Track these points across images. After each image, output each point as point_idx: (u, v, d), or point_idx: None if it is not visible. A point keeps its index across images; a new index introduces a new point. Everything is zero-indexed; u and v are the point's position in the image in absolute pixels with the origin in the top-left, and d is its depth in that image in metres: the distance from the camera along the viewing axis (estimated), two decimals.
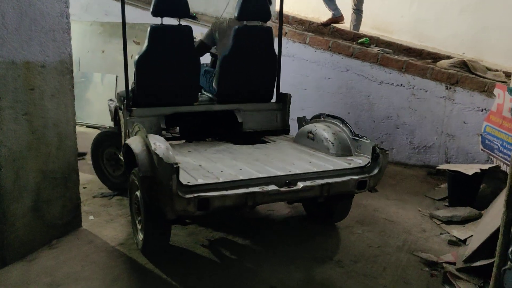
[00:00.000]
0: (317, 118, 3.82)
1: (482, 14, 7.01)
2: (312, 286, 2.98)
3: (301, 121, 3.93)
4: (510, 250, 1.63)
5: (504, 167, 4.06)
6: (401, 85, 5.36)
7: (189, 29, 3.75)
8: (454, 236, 3.71)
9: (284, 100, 4.15)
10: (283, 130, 4.17)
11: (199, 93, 4.23)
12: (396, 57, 5.52)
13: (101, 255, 3.21)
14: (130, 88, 3.69)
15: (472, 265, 3.04)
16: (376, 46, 6.02)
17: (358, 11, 6.70)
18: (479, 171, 4.09)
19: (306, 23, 6.40)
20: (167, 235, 3.11)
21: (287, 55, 5.81)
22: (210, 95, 4.19)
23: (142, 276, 2.99)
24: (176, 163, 2.58)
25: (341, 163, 3.21)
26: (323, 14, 6.52)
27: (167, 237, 3.12)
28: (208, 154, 3.43)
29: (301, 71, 5.86)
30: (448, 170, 4.35)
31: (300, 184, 2.88)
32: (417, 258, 3.36)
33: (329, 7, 6.19)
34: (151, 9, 3.59)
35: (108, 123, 6.49)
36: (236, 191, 2.73)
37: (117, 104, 4.15)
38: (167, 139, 4.07)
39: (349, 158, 3.34)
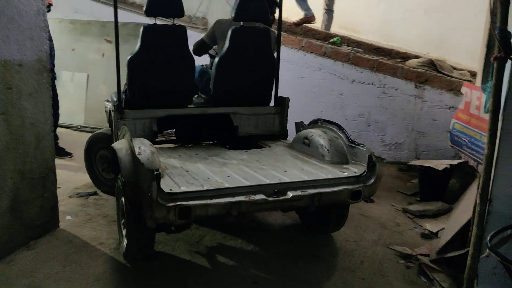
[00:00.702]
0: (314, 123, 3.70)
1: (446, 15, 7.28)
2: (293, 281, 3.04)
3: (299, 126, 3.80)
4: (488, 238, 1.72)
5: (472, 163, 4.24)
6: (372, 83, 5.51)
7: (183, 29, 3.66)
8: (427, 229, 3.86)
9: (283, 103, 4.01)
10: (281, 135, 4.04)
11: (196, 95, 4.14)
12: (367, 56, 5.67)
13: (81, 255, 3.18)
14: (122, 90, 3.60)
15: (446, 256, 3.18)
16: (347, 45, 6.16)
17: (329, 11, 6.83)
18: (448, 166, 4.25)
19: None
20: (151, 242, 2.99)
21: None
22: (206, 97, 4.10)
23: (124, 276, 2.99)
24: (158, 169, 2.50)
25: (335, 172, 3.09)
26: (292, 14, 6.59)
27: (151, 245, 3.00)
28: (198, 159, 3.32)
29: None
30: (419, 166, 4.50)
31: (290, 194, 2.77)
32: (392, 251, 3.48)
33: (301, 7, 6.28)
34: (144, 9, 3.50)
35: (79, 122, 6.45)
36: (221, 200, 2.62)
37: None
38: (161, 142, 3.97)
39: (345, 166, 3.20)
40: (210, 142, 4.06)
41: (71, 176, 4.71)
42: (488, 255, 1.70)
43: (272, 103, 4.08)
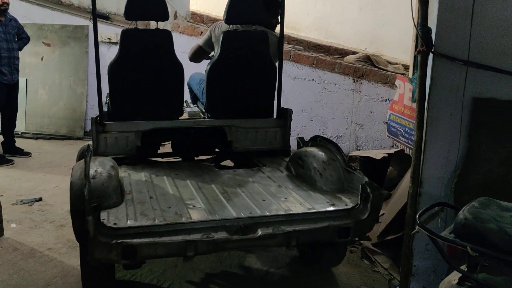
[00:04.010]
0: (313, 140, 3.30)
1: (379, 12, 7.64)
2: (245, 269, 3.15)
3: (299, 143, 3.41)
4: (417, 216, 1.89)
5: (407, 151, 4.50)
6: (313, 79, 5.71)
7: (168, 34, 3.33)
8: None
9: (285, 116, 3.58)
10: (283, 150, 3.60)
11: (194, 105, 3.88)
12: (307, 53, 5.86)
13: (29, 261, 3.14)
14: (105, 100, 3.35)
15: (385, 239, 3.39)
16: (287, 43, 6.33)
17: None
18: (386, 155, 4.50)
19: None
20: (110, 274, 2.68)
21: None
22: (202, 108, 3.74)
23: (76, 279, 2.96)
24: (96, 202, 2.22)
25: (322, 203, 2.63)
26: None
27: (109, 276, 2.68)
28: (172, 181, 2.93)
29: None
30: (359, 156, 4.73)
31: (259, 232, 2.34)
32: None
33: None
34: (124, 11, 3.18)
35: (20, 129, 6.24)
36: (172, 238, 2.24)
37: None
38: (155, 155, 3.69)
39: (338, 195, 2.75)
40: (210, 157, 3.70)
41: (13, 183, 4.60)
42: (418, 231, 1.86)
43: (274, 115, 3.67)
